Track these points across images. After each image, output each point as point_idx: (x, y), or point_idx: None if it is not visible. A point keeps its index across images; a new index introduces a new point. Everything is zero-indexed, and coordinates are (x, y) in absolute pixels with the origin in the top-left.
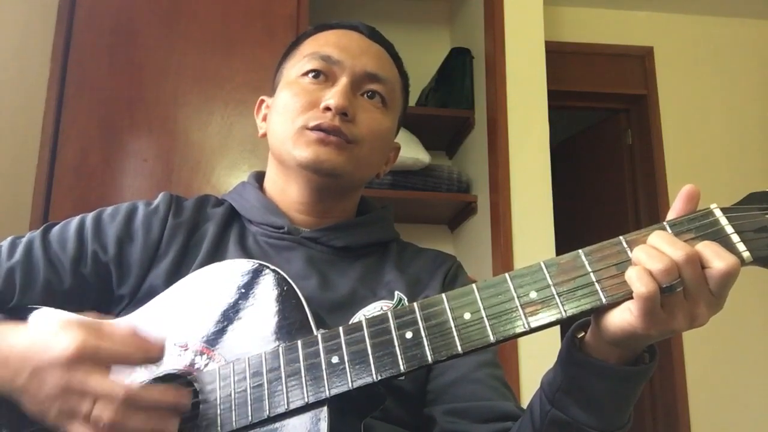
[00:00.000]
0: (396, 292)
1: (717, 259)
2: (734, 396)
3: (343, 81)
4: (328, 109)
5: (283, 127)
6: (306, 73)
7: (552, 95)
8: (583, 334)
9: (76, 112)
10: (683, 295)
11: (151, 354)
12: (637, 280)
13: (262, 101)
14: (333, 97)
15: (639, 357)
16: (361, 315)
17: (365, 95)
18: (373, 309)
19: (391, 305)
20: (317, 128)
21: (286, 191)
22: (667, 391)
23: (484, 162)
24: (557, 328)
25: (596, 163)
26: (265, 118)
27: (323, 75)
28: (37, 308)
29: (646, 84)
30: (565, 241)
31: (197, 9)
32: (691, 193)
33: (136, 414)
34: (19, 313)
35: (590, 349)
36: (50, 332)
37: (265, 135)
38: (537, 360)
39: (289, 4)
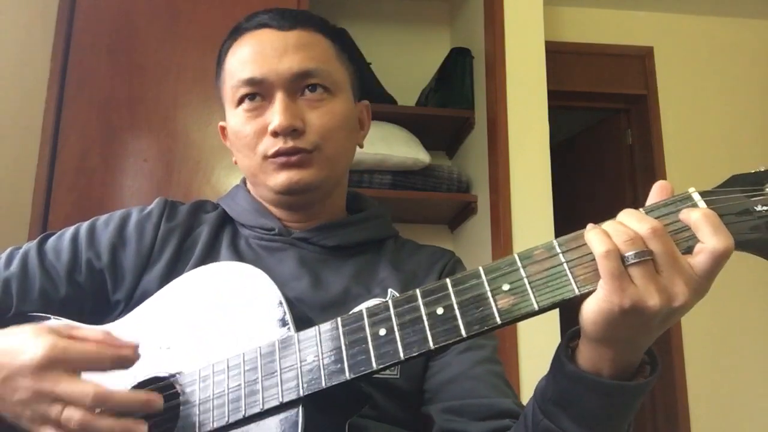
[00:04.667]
0: (390, 290)
1: (711, 236)
2: (734, 396)
3: (278, 96)
4: (276, 133)
5: (247, 163)
6: (240, 101)
7: (552, 95)
8: (576, 342)
9: (76, 112)
10: (656, 269)
11: (123, 357)
12: (596, 241)
13: (224, 128)
14: (275, 119)
15: (639, 369)
16: None
17: (306, 91)
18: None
19: None
20: (276, 154)
21: (274, 200)
22: (667, 391)
23: (484, 162)
24: (557, 328)
25: (596, 163)
26: None
27: (257, 96)
28: (38, 315)
29: (646, 84)
30: None
31: (197, 9)
32: (664, 186)
33: (106, 415)
34: (20, 321)
35: (582, 357)
36: (21, 339)
37: (236, 162)
38: (537, 360)
39: (289, 4)
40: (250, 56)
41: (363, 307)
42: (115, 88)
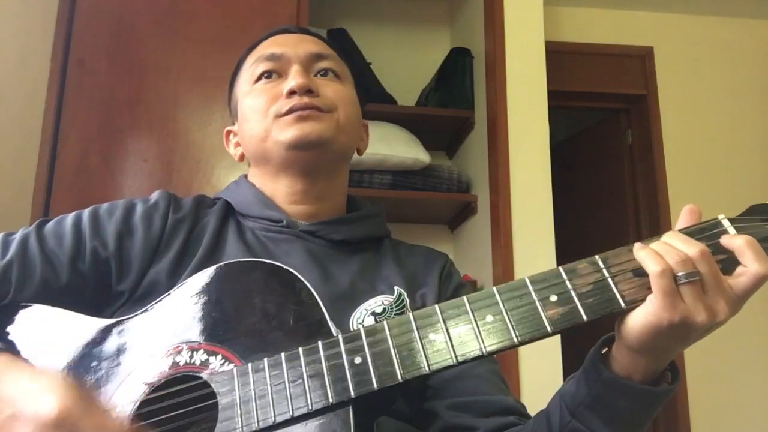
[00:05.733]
0: (395, 287)
1: (754, 261)
2: (734, 396)
3: (294, 68)
4: (292, 92)
5: (259, 126)
6: (258, 78)
7: (552, 95)
8: (607, 349)
9: (76, 112)
10: (702, 289)
11: None
12: (650, 260)
13: (229, 132)
14: (292, 79)
15: (661, 376)
16: (363, 309)
17: (318, 75)
18: (375, 304)
19: (392, 300)
20: (291, 111)
21: (278, 188)
22: None
23: (484, 162)
24: None
25: (596, 163)
26: (237, 145)
27: (275, 73)
28: (29, 306)
29: (646, 84)
30: (565, 242)
31: (197, 9)
32: (693, 210)
33: None
34: (11, 310)
35: (615, 363)
36: (41, 385)
37: (242, 158)
38: (537, 360)
39: (289, 4)
40: (272, 43)
41: (374, 305)
42: (115, 88)
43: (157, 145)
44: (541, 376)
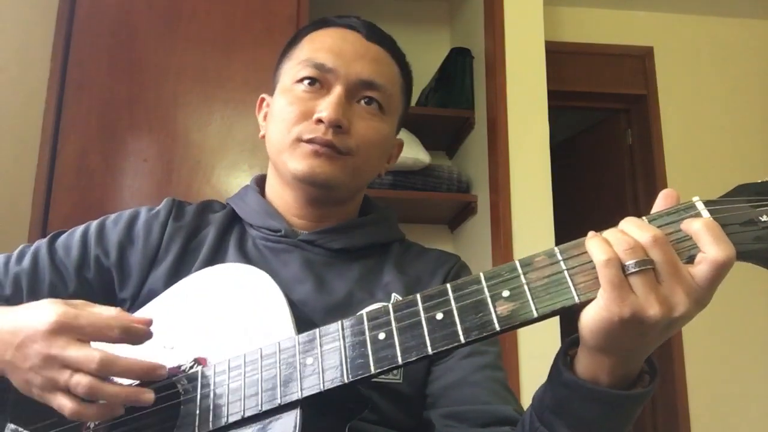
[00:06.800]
0: (393, 294)
1: (712, 246)
2: (734, 396)
3: (336, 91)
4: (321, 121)
5: (279, 137)
6: (300, 80)
7: (552, 95)
8: (575, 350)
9: (76, 112)
10: (656, 279)
11: (134, 329)
12: (597, 249)
13: (263, 99)
14: (326, 108)
15: (638, 378)
16: None
17: (362, 101)
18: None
19: None
20: (311, 141)
21: (284, 196)
22: (667, 391)
23: (484, 162)
24: (558, 331)
25: (596, 163)
26: (266, 117)
27: (318, 82)
28: None
29: (646, 84)
30: (564, 241)
31: (197, 9)
32: (669, 194)
33: (112, 382)
34: None
35: (581, 366)
36: (36, 308)
37: (264, 137)
38: (537, 361)
39: (289, 4)
40: (330, 45)
41: (365, 310)
42: (115, 88)
43: (157, 145)
44: (541, 378)
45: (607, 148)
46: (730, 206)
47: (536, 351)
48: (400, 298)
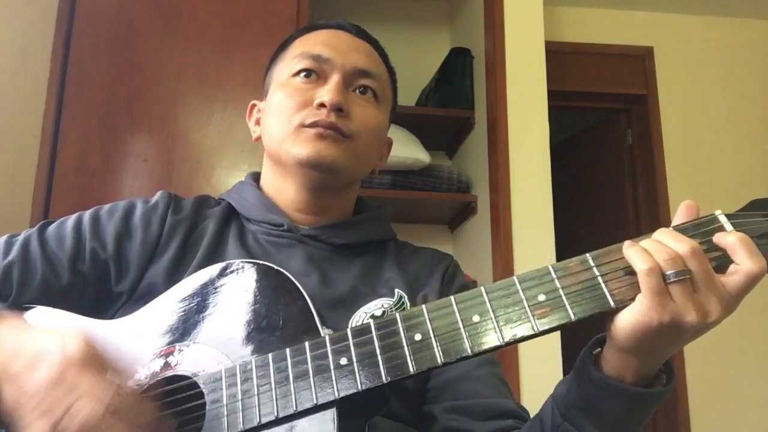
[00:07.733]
0: (396, 290)
1: (748, 260)
2: (734, 396)
3: (335, 78)
4: (322, 105)
5: (280, 127)
6: (297, 73)
7: (552, 95)
8: (599, 350)
9: (76, 112)
10: (693, 288)
11: None
12: (638, 258)
13: (254, 105)
14: (327, 93)
15: (656, 377)
16: (362, 313)
17: (357, 91)
18: (374, 307)
19: (392, 303)
20: (314, 125)
21: (283, 191)
22: None
23: (484, 162)
24: (557, 332)
25: (596, 163)
26: (257, 122)
27: (315, 74)
28: (32, 307)
29: (646, 84)
30: (565, 241)
31: (197, 9)
32: (690, 206)
33: (116, 423)
34: (14, 312)
35: (606, 364)
36: (69, 331)
37: (259, 138)
38: (537, 361)
39: (289, 4)
40: (323, 40)
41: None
42: (115, 88)
43: (157, 145)
44: (541, 378)
45: (607, 148)
46: (747, 220)
47: (536, 351)
48: (404, 294)
